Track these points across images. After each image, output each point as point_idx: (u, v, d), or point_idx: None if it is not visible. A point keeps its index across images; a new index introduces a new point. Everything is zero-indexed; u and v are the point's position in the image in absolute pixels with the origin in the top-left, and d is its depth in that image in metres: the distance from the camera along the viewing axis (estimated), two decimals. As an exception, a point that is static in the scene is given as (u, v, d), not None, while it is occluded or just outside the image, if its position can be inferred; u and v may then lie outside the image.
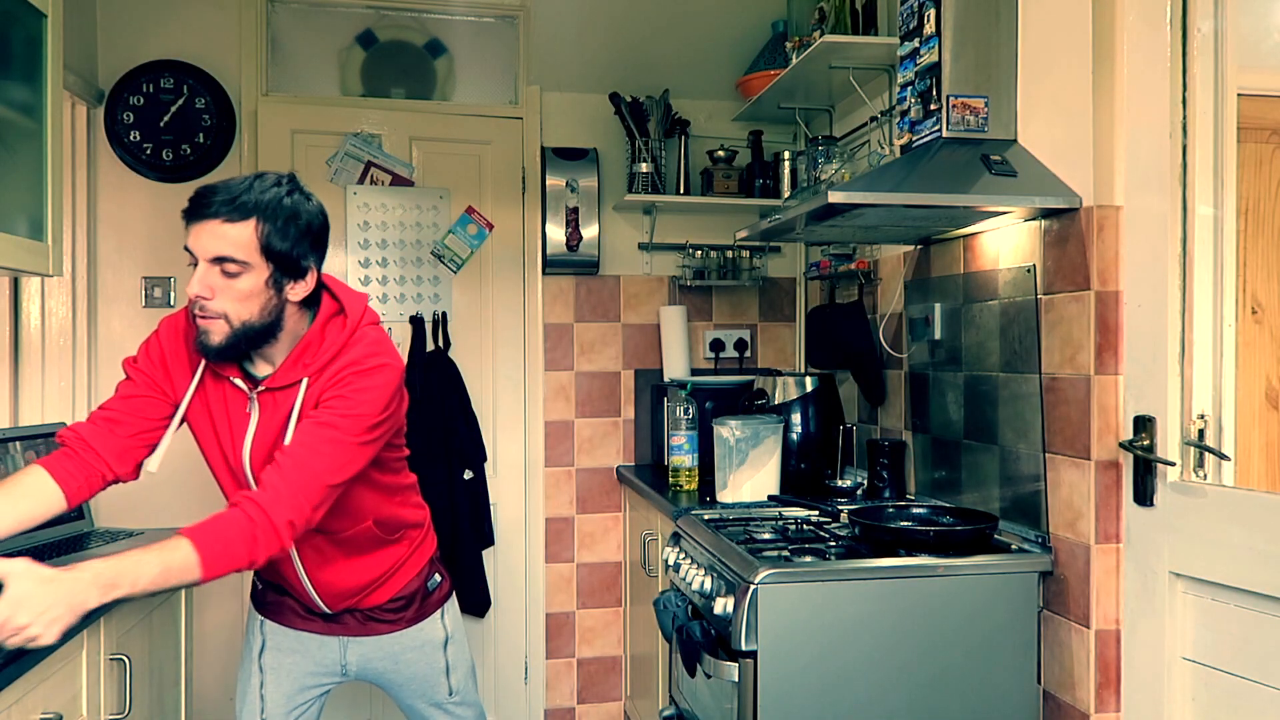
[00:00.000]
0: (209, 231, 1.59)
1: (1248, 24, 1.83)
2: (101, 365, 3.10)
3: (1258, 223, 2.13)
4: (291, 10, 3.27)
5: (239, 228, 1.59)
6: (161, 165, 3.10)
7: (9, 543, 2.06)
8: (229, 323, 1.62)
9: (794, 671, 1.83)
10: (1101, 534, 1.82)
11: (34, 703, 1.52)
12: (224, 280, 1.60)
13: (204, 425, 1.76)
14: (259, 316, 1.64)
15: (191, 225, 1.61)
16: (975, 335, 2.25)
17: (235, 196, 1.59)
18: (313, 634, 1.97)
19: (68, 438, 1.71)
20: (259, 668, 1.98)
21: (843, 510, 2.27)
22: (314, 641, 1.98)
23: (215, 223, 1.59)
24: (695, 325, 3.48)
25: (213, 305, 1.61)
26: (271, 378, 1.71)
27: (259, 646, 1.99)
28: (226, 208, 1.59)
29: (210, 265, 1.60)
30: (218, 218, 1.59)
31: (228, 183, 1.63)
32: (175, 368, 1.76)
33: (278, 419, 1.71)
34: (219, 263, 1.60)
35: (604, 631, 3.42)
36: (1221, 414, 1.70)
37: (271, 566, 1.85)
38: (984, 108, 2.02)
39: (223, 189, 1.61)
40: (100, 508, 2.93)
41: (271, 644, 1.98)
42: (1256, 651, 1.53)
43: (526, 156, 3.36)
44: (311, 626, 1.97)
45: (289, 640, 1.98)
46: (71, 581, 1.42)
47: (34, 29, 2.09)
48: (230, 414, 1.74)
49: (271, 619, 1.99)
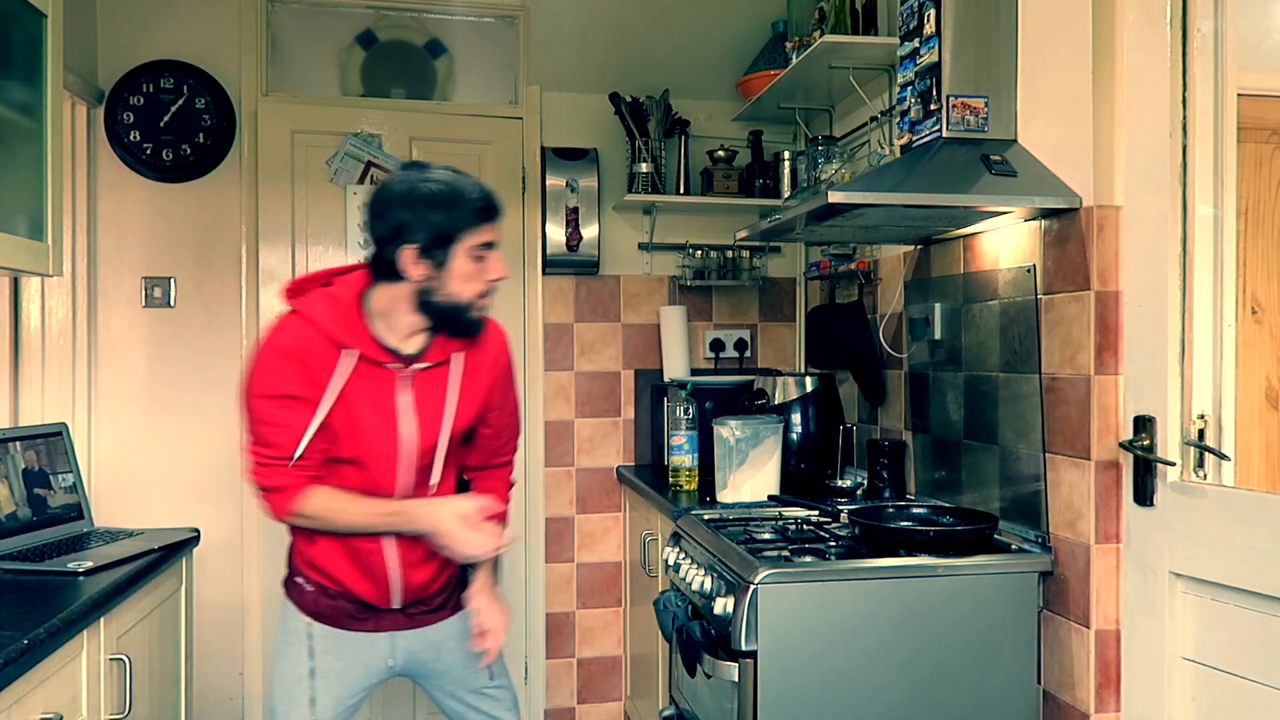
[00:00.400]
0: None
1: (1248, 24, 1.83)
2: (101, 365, 3.10)
3: (1258, 223, 2.13)
4: (291, 10, 3.27)
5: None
6: (161, 165, 3.10)
7: (9, 542, 2.06)
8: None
9: (794, 671, 1.83)
10: (1101, 534, 1.82)
11: (34, 703, 1.52)
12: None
13: (359, 411, 1.78)
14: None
15: (493, 222, 1.78)
16: (975, 335, 2.25)
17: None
18: (363, 633, 1.94)
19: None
20: (310, 674, 1.92)
21: (843, 510, 2.27)
22: (363, 641, 1.94)
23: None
24: (695, 325, 3.48)
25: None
26: (426, 355, 1.82)
27: (307, 655, 1.93)
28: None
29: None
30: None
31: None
32: (318, 370, 1.76)
33: (433, 395, 1.84)
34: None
35: (604, 631, 3.42)
36: (1221, 414, 1.70)
37: (358, 560, 1.87)
38: (984, 108, 2.02)
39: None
40: (100, 508, 2.93)
41: (321, 649, 1.93)
42: (1256, 651, 1.53)
43: (526, 156, 3.36)
44: (363, 626, 1.94)
45: (338, 643, 1.93)
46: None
47: (34, 29, 2.09)
48: (382, 395, 1.80)
49: (323, 623, 1.93)
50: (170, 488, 3.13)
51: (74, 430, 2.72)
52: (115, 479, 3.08)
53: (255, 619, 3.19)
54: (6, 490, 2.12)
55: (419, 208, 1.70)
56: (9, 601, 1.70)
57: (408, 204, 1.71)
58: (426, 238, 1.70)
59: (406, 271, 1.72)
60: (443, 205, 1.71)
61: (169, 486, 3.13)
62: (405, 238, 1.70)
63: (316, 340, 1.75)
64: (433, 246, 1.71)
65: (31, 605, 1.66)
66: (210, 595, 3.09)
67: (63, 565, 1.92)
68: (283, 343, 1.75)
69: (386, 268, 1.74)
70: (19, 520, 2.13)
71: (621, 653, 3.44)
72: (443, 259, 1.72)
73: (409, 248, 1.70)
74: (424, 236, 1.70)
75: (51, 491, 2.24)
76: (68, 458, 2.32)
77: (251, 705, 3.18)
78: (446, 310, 1.77)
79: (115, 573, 1.91)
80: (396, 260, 1.71)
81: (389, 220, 1.72)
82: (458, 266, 1.73)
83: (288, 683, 1.92)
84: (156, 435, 3.13)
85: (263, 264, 3.19)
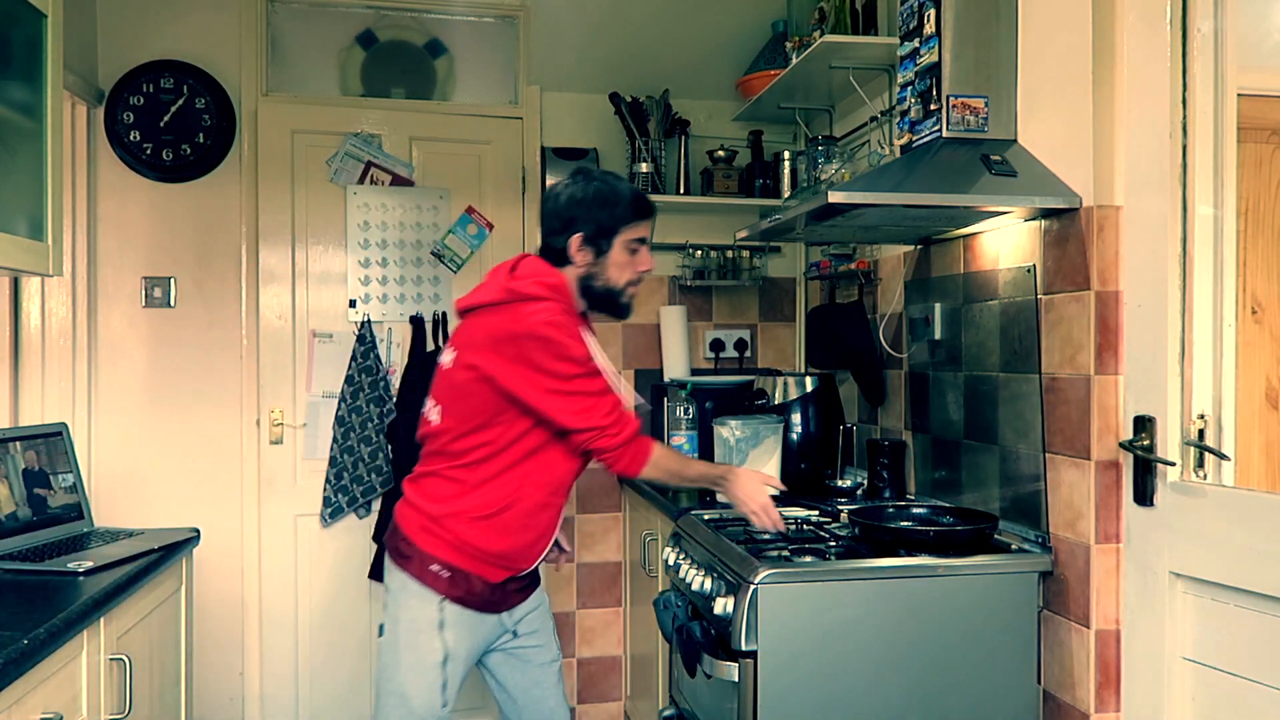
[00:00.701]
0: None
1: (1248, 24, 1.83)
2: (101, 365, 3.10)
3: (1258, 223, 2.13)
4: (291, 10, 3.28)
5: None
6: (161, 165, 3.10)
7: (9, 542, 2.06)
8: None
9: (794, 671, 1.83)
10: (1101, 534, 1.82)
11: (34, 703, 1.52)
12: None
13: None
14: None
15: (649, 220, 2.10)
16: (975, 335, 2.25)
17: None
18: (489, 615, 2.08)
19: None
20: (443, 662, 2.01)
21: (843, 510, 2.27)
22: (488, 623, 2.08)
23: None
24: (695, 325, 3.48)
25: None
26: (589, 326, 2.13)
27: (440, 642, 2.01)
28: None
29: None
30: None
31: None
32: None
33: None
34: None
35: (604, 631, 3.42)
36: (1221, 414, 1.70)
37: (535, 517, 2.05)
38: (984, 108, 2.02)
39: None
40: (100, 508, 2.94)
41: (453, 636, 2.02)
42: (1256, 651, 1.53)
43: (526, 156, 3.36)
44: (491, 608, 2.07)
45: (468, 627, 2.04)
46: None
47: (34, 29, 2.09)
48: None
49: (459, 606, 2.02)
50: (170, 488, 3.13)
51: (74, 430, 2.72)
52: (115, 479, 3.08)
53: (255, 619, 3.19)
54: (6, 490, 2.12)
55: (587, 204, 2.03)
56: (9, 601, 1.70)
57: (578, 202, 2.03)
58: (592, 229, 2.02)
59: (573, 257, 2.04)
60: (606, 203, 2.04)
61: (169, 486, 3.13)
62: (574, 229, 2.03)
63: (574, 318, 2.05)
64: (596, 237, 2.03)
65: (31, 605, 1.66)
66: (210, 595, 3.09)
67: (63, 565, 1.92)
68: (564, 322, 1.97)
69: (557, 255, 2.06)
70: (19, 520, 2.13)
71: (621, 653, 3.44)
72: (604, 248, 2.04)
73: (576, 237, 2.03)
74: (590, 228, 2.02)
75: (51, 491, 2.24)
76: (68, 458, 2.32)
77: (251, 705, 3.19)
78: (602, 294, 2.08)
79: (115, 573, 1.91)
80: (567, 248, 2.04)
81: (562, 215, 2.04)
82: (615, 256, 2.05)
83: (422, 670, 2.00)
84: (156, 435, 3.13)
85: (263, 264, 3.19)
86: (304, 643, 3.22)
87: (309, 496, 3.21)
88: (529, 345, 1.92)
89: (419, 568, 2.00)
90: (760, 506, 2.07)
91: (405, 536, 2.04)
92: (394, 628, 2.03)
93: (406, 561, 2.02)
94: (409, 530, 2.03)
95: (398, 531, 2.06)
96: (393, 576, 2.06)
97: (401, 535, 2.05)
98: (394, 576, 2.05)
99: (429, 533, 2.01)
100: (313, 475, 3.21)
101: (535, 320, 1.93)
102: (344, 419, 3.19)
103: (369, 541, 3.23)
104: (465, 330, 2.08)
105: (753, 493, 2.08)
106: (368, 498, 3.21)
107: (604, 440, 1.98)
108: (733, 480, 2.10)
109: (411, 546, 2.02)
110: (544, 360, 1.92)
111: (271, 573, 3.20)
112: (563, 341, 1.93)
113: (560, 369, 1.92)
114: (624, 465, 2.02)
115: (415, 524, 2.03)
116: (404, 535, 2.04)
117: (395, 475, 3.20)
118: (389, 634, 2.04)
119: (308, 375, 3.23)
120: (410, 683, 2.00)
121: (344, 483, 3.19)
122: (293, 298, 3.22)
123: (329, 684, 3.23)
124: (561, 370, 1.92)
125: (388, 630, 2.05)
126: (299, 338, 3.23)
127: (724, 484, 2.10)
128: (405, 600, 2.02)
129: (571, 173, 2.13)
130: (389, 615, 2.05)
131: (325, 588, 3.23)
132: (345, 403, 3.19)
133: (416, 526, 2.03)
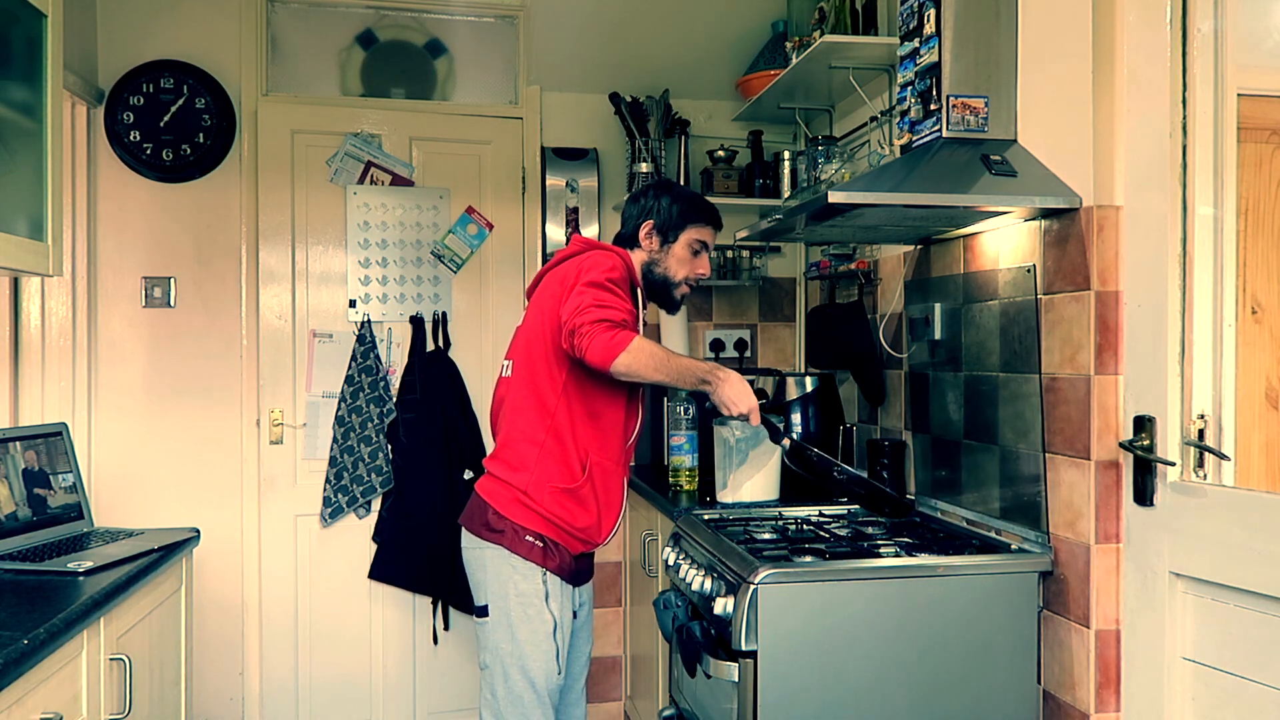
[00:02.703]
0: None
1: (1248, 24, 1.83)
2: (101, 365, 3.10)
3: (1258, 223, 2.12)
4: (291, 10, 3.28)
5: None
6: (161, 165, 3.10)
7: (9, 542, 2.06)
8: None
9: (794, 671, 1.83)
10: (1101, 534, 1.82)
11: (34, 703, 1.52)
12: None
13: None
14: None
15: (715, 229, 2.29)
16: (975, 335, 2.25)
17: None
18: (575, 586, 2.20)
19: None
20: (554, 630, 2.11)
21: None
22: (569, 596, 2.18)
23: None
24: (695, 325, 3.48)
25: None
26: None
27: (549, 613, 2.10)
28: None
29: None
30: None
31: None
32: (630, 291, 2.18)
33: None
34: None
35: (604, 631, 3.42)
36: (1221, 414, 1.70)
37: (607, 485, 2.17)
38: (984, 108, 2.02)
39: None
40: (100, 508, 2.94)
41: (555, 605, 2.11)
42: (1256, 651, 1.53)
43: (526, 156, 3.36)
44: (580, 579, 2.22)
45: (564, 596, 2.15)
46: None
47: (34, 29, 2.09)
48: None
49: (557, 576, 2.12)
50: (170, 488, 3.13)
51: (74, 430, 2.72)
52: (115, 479, 3.08)
53: (255, 619, 3.19)
54: (6, 490, 2.12)
55: (665, 198, 2.24)
56: (9, 601, 1.70)
57: (658, 195, 2.25)
58: (663, 219, 2.22)
59: (641, 241, 2.24)
60: (681, 199, 2.25)
61: (169, 486, 3.13)
62: (648, 215, 2.23)
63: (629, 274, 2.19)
64: (666, 227, 2.23)
65: (31, 605, 1.66)
66: (210, 595, 3.09)
67: (63, 565, 1.92)
68: (611, 260, 2.11)
69: (628, 240, 2.26)
70: (19, 520, 2.13)
71: (621, 653, 3.44)
72: (670, 239, 2.23)
73: (648, 222, 2.23)
74: (661, 218, 2.23)
75: (51, 491, 2.24)
76: (68, 458, 2.32)
77: (251, 705, 3.19)
78: (660, 282, 2.26)
79: (115, 573, 1.91)
80: (638, 232, 2.24)
81: (643, 203, 2.26)
82: (678, 250, 2.24)
83: (538, 642, 2.08)
84: (156, 435, 3.13)
85: (263, 264, 3.19)
86: (304, 642, 3.22)
87: (309, 496, 3.21)
88: (577, 269, 2.07)
89: (513, 540, 2.09)
90: (749, 409, 2.09)
91: (496, 511, 2.11)
92: (502, 604, 2.10)
93: (500, 535, 2.09)
94: (500, 504, 2.11)
95: (487, 507, 2.13)
96: (485, 554, 2.12)
97: (492, 510, 2.11)
98: (487, 553, 2.12)
99: (521, 504, 2.09)
100: (313, 475, 3.21)
101: (593, 259, 2.10)
102: (344, 419, 3.19)
103: (369, 541, 3.23)
104: (534, 299, 2.24)
105: (741, 394, 2.09)
106: (368, 498, 3.21)
107: (583, 326, 1.95)
108: (721, 380, 2.08)
109: (504, 520, 2.09)
110: (579, 275, 2.05)
111: (271, 572, 3.20)
112: (604, 268, 2.05)
113: (588, 277, 2.03)
114: (597, 351, 1.93)
115: (506, 497, 2.11)
116: (494, 510, 2.11)
117: (395, 475, 3.20)
118: (498, 611, 2.10)
119: (308, 375, 3.23)
120: (530, 656, 2.08)
121: (344, 483, 3.19)
122: (293, 298, 3.22)
123: (329, 684, 3.23)
124: (587, 278, 2.02)
125: (494, 609, 2.10)
126: (299, 338, 3.23)
127: (711, 383, 2.07)
128: (509, 576, 2.09)
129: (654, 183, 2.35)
130: (491, 594, 2.11)
131: (325, 588, 3.23)
132: (345, 403, 3.19)
133: (507, 499, 2.10)
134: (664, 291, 2.27)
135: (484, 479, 2.19)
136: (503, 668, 2.09)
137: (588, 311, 1.95)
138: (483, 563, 2.13)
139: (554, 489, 2.09)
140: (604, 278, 2.03)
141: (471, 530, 2.16)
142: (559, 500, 2.10)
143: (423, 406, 3.20)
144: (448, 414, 3.22)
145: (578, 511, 2.12)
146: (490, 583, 2.11)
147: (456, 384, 3.26)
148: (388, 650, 3.27)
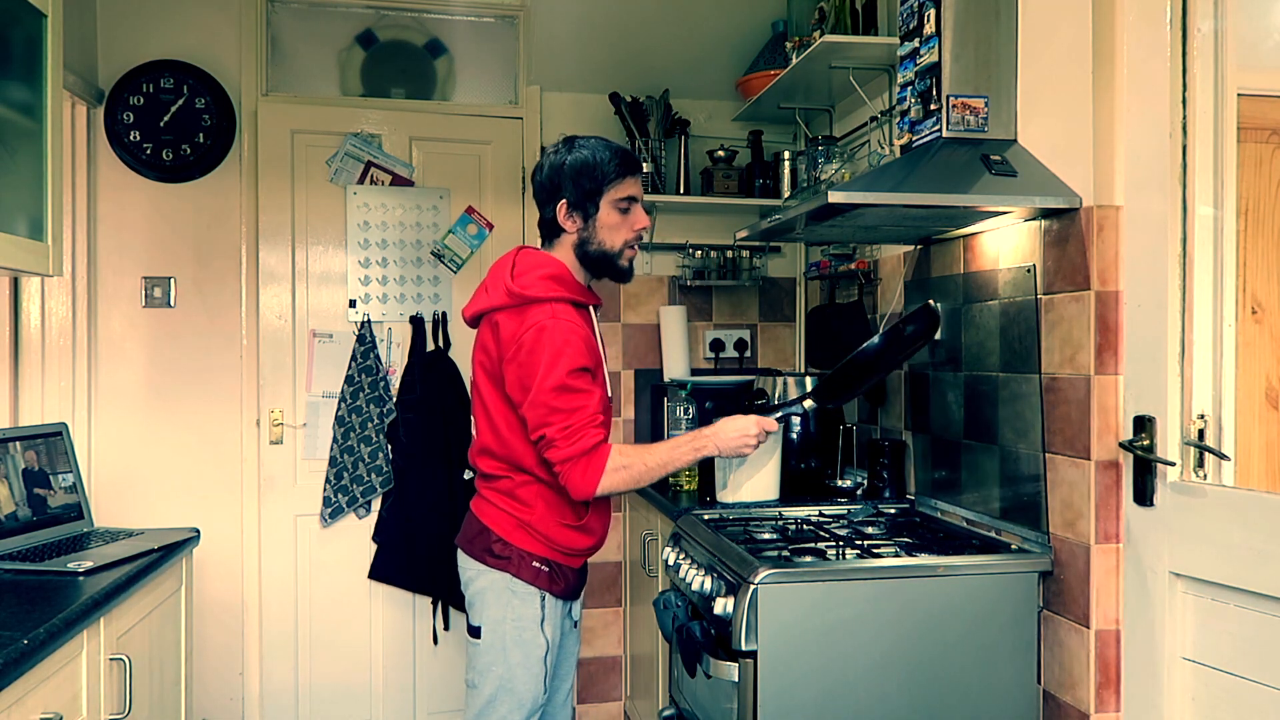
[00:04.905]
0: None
1: (1248, 24, 1.83)
2: (101, 365, 3.10)
3: (1258, 223, 2.12)
4: (291, 10, 3.28)
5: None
6: (161, 165, 3.10)
7: (9, 542, 2.06)
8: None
9: (794, 671, 1.83)
10: (1101, 534, 1.82)
11: (34, 703, 1.52)
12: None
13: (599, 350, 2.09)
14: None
15: (635, 176, 2.06)
16: (975, 335, 2.25)
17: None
18: (571, 602, 2.18)
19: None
20: (546, 652, 2.06)
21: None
22: (564, 610, 2.16)
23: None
24: (695, 325, 3.48)
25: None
26: (596, 298, 2.13)
27: (543, 636, 2.06)
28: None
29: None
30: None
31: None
32: (590, 335, 2.04)
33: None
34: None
35: (604, 631, 3.42)
36: (1221, 414, 1.70)
37: (604, 509, 2.14)
38: (984, 108, 2.02)
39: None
40: (100, 508, 2.94)
41: (550, 628, 2.07)
42: (1256, 651, 1.53)
43: (526, 156, 3.36)
44: (575, 593, 2.17)
45: (559, 617, 2.12)
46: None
47: (34, 29, 2.09)
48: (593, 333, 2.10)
49: (555, 597, 2.08)
50: (170, 488, 3.13)
51: (74, 430, 2.72)
52: (115, 479, 3.08)
53: (255, 619, 3.19)
54: (6, 490, 2.12)
55: (568, 170, 2.02)
56: (9, 601, 1.70)
57: (559, 169, 2.03)
58: (576, 194, 2.02)
59: (563, 225, 2.05)
60: (586, 166, 2.02)
61: (169, 486, 3.14)
62: (559, 196, 2.03)
63: (579, 314, 2.03)
64: (582, 201, 2.02)
65: (31, 605, 1.66)
66: (210, 595, 3.09)
67: (62, 565, 1.92)
68: (563, 327, 1.95)
69: (550, 227, 2.07)
70: (19, 520, 2.13)
71: (621, 653, 3.44)
72: (591, 211, 2.03)
73: (562, 204, 2.03)
74: (574, 194, 2.02)
75: (51, 491, 2.24)
76: (68, 458, 2.32)
77: (251, 705, 3.19)
78: (599, 258, 2.07)
79: (115, 573, 1.91)
80: (556, 217, 2.04)
81: (547, 185, 2.05)
82: (604, 218, 2.04)
83: (529, 665, 2.04)
84: (156, 435, 3.13)
85: (263, 264, 3.19)
86: (304, 642, 3.22)
87: (309, 496, 3.21)
88: (526, 349, 1.93)
89: (519, 566, 2.04)
90: (755, 437, 2.08)
91: (500, 538, 2.05)
92: (497, 628, 2.05)
93: (505, 562, 2.04)
94: (504, 532, 2.05)
95: (489, 533, 2.06)
96: (485, 577, 2.06)
97: (495, 537, 2.06)
98: (488, 577, 2.06)
99: (525, 532, 2.05)
100: (313, 475, 3.21)
101: (536, 324, 1.94)
102: (344, 419, 3.19)
103: (369, 541, 3.23)
104: (480, 341, 2.08)
105: (741, 430, 2.07)
106: (368, 498, 3.21)
107: (557, 443, 1.93)
108: (711, 437, 2.06)
109: (509, 547, 2.04)
110: (535, 363, 1.92)
111: (271, 573, 3.20)
112: (559, 350, 1.92)
113: (550, 381, 1.91)
114: (575, 486, 1.94)
115: (509, 525, 2.05)
116: (498, 537, 2.06)
117: (395, 475, 3.20)
118: (491, 634, 2.05)
119: (308, 375, 3.23)
120: (519, 678, 2.04)
121: (344, 483, 3.19)
122: (293, 298, 3.22)
123: (329, 684, 3.23)
124: (550, 381, 1.91)
125: (488, 631, 2.06)
126: (299, 338, 3.23)
127: (705, 447, 2.06)
128: (507, 600, 2.04)
129: (557, 141, 2.11)
130: (485, 616, 2.06)
131: (325, 588, 3.23)
132: (345, 403, 3.19)
133: (511, 526, 2.05)
134: (608, 265, 2.08)
135: (482, 502, 2.11)
136: (490, 689, 2.04)
137: (554, 429, 1.92)
138: (482, 587, 2.07)
139: (559, 524, 2.06)
140: (565, 373, 1.91)
141: (473, 555, 2.09)
142: (564, 533, 2.06)
143: (423, 407, 3.20)
144: (448, 414, 3.22)
145: (582, 538, 2.10)
146: (490, 606, 2.06)
147: (456, 384, 3.25)
148: (387, 650, 3.27)
